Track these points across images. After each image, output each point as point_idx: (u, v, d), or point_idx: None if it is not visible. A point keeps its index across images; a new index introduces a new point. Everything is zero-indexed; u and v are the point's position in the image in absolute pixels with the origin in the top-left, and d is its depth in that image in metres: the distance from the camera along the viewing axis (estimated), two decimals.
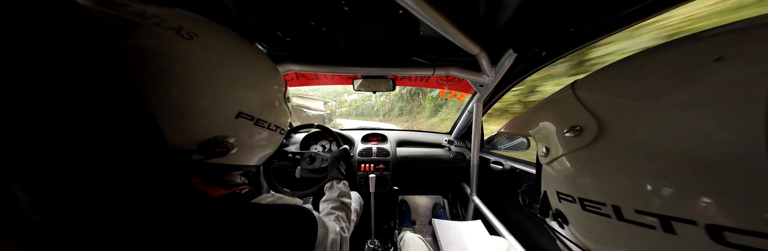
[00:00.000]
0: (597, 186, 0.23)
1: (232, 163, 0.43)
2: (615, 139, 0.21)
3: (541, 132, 0.30)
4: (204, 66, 0.34)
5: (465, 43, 0.76)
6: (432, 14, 0.59)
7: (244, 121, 0.39)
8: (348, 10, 0.64)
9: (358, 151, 1.59)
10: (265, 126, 0.44)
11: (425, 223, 1.86)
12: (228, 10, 0.68)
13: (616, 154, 0.21)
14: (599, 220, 0.23)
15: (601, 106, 0.24)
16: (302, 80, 1.40)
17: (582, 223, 0.26)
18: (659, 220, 0.18)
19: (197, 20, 0.37)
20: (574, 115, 0.25)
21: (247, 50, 0.42)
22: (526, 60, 1.07)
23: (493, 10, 0.68)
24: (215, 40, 0.37)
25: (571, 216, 0.27)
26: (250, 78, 0.40)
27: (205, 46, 0.35)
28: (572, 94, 0.27)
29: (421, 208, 1.95)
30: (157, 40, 0.31)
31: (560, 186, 0.28)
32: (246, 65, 0.40)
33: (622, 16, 0.66)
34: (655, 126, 0.19)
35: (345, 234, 0.57)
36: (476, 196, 1.43)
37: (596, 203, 0.23)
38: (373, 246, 1.19)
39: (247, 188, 0.44)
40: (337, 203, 0.74)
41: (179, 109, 0.32)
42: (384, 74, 1.11)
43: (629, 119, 0.21)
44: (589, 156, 0.24)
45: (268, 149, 0.51)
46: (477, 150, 1.44)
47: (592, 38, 0.77)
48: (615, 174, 0.22)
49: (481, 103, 1.35)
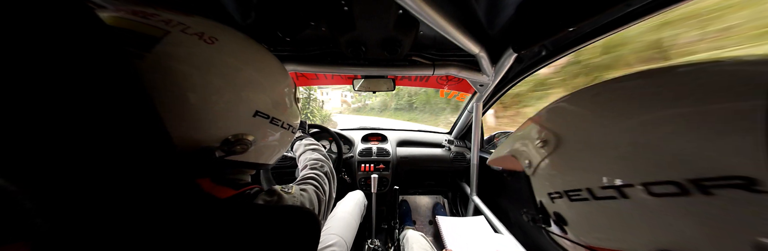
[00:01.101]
0: (570, 178, 0.32)
1: (251, 161, 0.44)
2: (569, 144, 0.33)
3: (521, 152, 0.41)
4: (225, 68, 0.36)
5: (465, 43, 0.76)
6: (432, 14, 0.59)
7: (261, 120, 0.42)
8: (348, 10, 0.64)
9: (358, 151, 1.59)
10: (279, 125, 0.46)
11: (425, 223, 1.86)
12: (228, 10, 0.68)
13: (573, 153, 0.32)
14: (583, 206, 0.30)
15: (555, 126, 0.36)
16: (302, 80, 1.40)
17: (575, 216, 0.33)
18: (615, 190, 0.26)
19: (216, 26, 0.39)
20: (541, 134, 0.37)
21: (260, 53, 0.44)
22: (526, 60, 1.07)
23: (493, 10, 0.68)
24: (233, 44, 0.39)
25: (565, 211, 0.34)
26: (263, 79, 0.42)
27: (224, 50, 0.37)
28: (534, 123, 0.40)
29: (422, 208, 1.95)
30: (183, 46, 0.33)
31: (548, 189, 0.35)
32: (260, 66, 0.42)
33: (622, 16, 0.66)
34: (588, 134, 0.31)
35: (324, 197, 0.56)
36: (476, 196, 1.43)
37: (575, 191, 0.31)
38: (373, 246, 1.19)
39: (256, 187, 0.44)
40: (308, 161, 0.73)
41: (202, 110, 0.34)
42: (384, 74, 1.11)
43: (573, 132, 0.33)
44: (557, 157, 0.34)
45: (282, 147, 0.53)
46: (477, 149, 1.44)
47: (592, 38, 0.77)
48: (578, 166, 0.31)
49: (481, 102, 1.35)
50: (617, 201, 0.26)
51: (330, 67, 1.03)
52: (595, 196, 0.28)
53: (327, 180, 0.65)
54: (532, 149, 0.38)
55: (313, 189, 0.55)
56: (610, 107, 0.31)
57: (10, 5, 0.18)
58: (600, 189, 0.27)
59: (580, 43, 0.82)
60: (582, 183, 0.30)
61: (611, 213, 0.27)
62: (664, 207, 0.23)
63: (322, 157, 0.77)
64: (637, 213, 0.25)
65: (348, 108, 24.14)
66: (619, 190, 0.26)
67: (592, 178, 0.29)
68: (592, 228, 0.31)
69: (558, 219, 0.35)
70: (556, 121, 0.37)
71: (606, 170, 0.28)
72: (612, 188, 0.26)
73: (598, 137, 0.30)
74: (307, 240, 0.41)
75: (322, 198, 0.55)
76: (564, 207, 0.33)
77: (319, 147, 0.86)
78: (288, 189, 0.49)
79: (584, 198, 0.29)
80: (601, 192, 0.27)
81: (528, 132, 0.41)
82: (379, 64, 1.05)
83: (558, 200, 0.33)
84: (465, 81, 1.22)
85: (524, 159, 0.40)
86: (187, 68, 0.32)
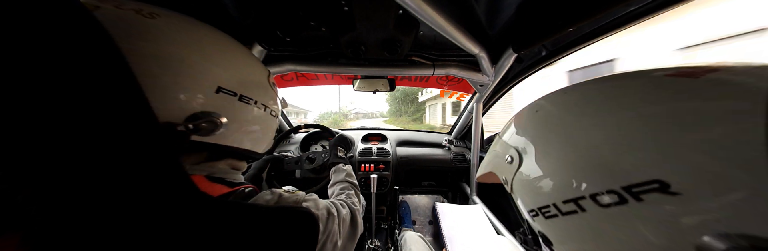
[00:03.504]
0: (538, 194, 0.32)
1: (232, 145, 0.43)
2: (531, 157, 0.33)
3: (499, 167, 0.41)
4: (169, 42, 0.35)
5: (465, 43, 0.76)
6: (432, 14, 0.59)
7: (227, 96, 0.40)
8: (348, 10, 0.64)
9: (358, 151, 1.59)
10: (251, 104, 0.44)
11: (425, 223, 1.86)
12: (227, 10, 0.68)
13: (535, 165, 0.32)
14: (557, 223, 0.30)
15: (516, 143, 0.37)
16: (302, 80, 1.39)
17: (553, 233, 0.33)
18: (573, 203, 0.27)
19: (159, 8, 0.38)
20: (506, 150, 0.38)
21: (215, 33, 0.43)
22: (526, 60, 1.07)
23: (493, 10, 0.68)
24: (178, 22, 0.38)
25: (545, 229, 0.34)
26: (220, 56, 0.41)
27: (168, 25, 0.36)
28: (501, 141, 0.41)
29: (421, 208, 1.95)
30: (118, 20, 0.32)
31: (526, 206, 0.35)
32: (214, 43, 0.41)
33: (622, 16, 0.66)
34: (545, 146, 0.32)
35: (356, 207, 0.61)
36: (476, 196, 1.43)
37: (545, 207, 0.31)
38: (373, 246, 1.19)
39: (250, 187, 0.44)
40: (345, 184, 0.78)
41: (151, 85, 0.32)
42: (384, 74, 1.10)
43: (528, 149, 0.34)
44: (522, 172, 0.34)
45: (265, 132, 0.51)
46: (477, 150, 1.44)
47: (592, 38, 0.77)
48: (539, 180, 0.31)
49: (481, 102, 1.35)
50: (579, 215, 0.27)
51: (330, 67, 1.03)
52: (562, 212, 0.28)
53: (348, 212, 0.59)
54: (503, 165, 0.38)
55: (330, 202, 0.52)
56: (544, 121, 0.33)
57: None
58: (562, 203, 0.28)
59: (580, 43, 0.82)
60: (548, 199, 0.30)
61: (579, 226, 0.28)
62: (614, 216, 0.24)
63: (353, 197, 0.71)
64: (597, 225, 0.26)
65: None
66: (576, 203, 0.26)
67: (554, 193, 0.29)
68: (572, 244, 0.31)
69: (543, 239, 0.35)
70: (514, 136, 0.38)
71: (561, 184, 0.28)
72: (571, 202, 0.27)
73: (546, 151, 0.31)
74: (304, 241, 0.40)
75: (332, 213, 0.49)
76: (543, 226, 0.33)
77: (353, 184, 0.79)
78: (292, 191, 0.48)
79: (554, 214, 0.30)
80: (565, 207, 0.28)
81: (497, 149, 0.42)
82: (379, 64, 1.05)
83: (536, 218, 0.34)
84: (465, 81, 1.22)
85: (501, 175, 0.41)
86: (124, 42, 0.30)
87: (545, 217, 0.31)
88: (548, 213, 0.31)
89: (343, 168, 0.87)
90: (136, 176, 0.25)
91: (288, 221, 0.40)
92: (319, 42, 0.94)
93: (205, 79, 0.38)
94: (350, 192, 0.71)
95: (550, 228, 0.32)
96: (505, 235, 1.04)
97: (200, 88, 0.37)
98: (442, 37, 0.71)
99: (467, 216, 1.12)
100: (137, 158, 0.25)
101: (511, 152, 0.36)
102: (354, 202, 0.63)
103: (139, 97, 0.25)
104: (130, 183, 0.24)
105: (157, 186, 0.26)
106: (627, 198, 0.22)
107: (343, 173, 0.84)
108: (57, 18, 0.21)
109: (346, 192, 0.71)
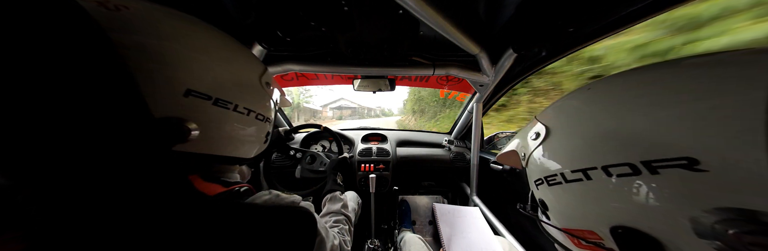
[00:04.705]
0: (550, 165, 0.36)
1: (215, 153, 0.40)
2: (554, 135, 0.37)
3: (520, 145, 0.46)
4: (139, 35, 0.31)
5: (465, 43, 0.76)
6: (432, 14, 0.59)
7: (197, 101, 0.36)
8: (348, 10, 0.64)
9: (358, 151, 1.59)
10: (230, 108, 0.40)
11: (425, 223, 1.86)
12: (227, 10, 0.68)
13: (555, 142, 0.37)
14: (557, 190, 0.35)
15: (549, 120, 0.40)
16: (302, 80, 1.39)
17: (552, 200, 0.37)
18: (581, 172, 0.31)
19: (136, 1, 0.34)
20: (535, 128, 0.41)
21: (194, 28, 0.39)
22: (526, 60, 1.07)
23: (493, 10, 0.68)
24: (147, 15, 0.34)
25: (545, 196, 0.38)
26: (195, 53, 0.37)
27: (135, 18, 0.32)
28: (535, 119, 0.44)
29: (421, 208, 1.94)
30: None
31: (534, 177, 0.40)
32: (192, 38, 0.37)
33: (622, 15, 0.66)
34: (571, 126, 0.36)
35: (346, 248, 0.57)
36: (476, 196, 1.43)
37: (552, 176, 0.35)
38: (373, 246, 1.19)
39: (246, 186, 0.43)
40: (339, 216, 0.73)
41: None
42: (384, 74, 1.11)
43: (560, 124, 0.38)
44: (545, 146, 0.38)
45: (253, 139, 0.47)
46: (477, 150, 1.44)
47: (592, 38, 0.77)
48: (557, 153, 0.36)
49: (481, 103, 1.35)
50: (583, 183, 0.31)
51: (330, 67, 1.03)
52: (566, 179, 0.33)
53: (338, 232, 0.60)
54: (527, 142, 0.43)
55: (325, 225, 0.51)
56: (591, 101, 0.35)
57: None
58: (570, 172, 0.32)
59: (580, 43, 0.82)
60: (557, 169, 0.35)
61: (578, 193, 0.32)
62: (619, 185, 0.27)
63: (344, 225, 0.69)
64: (598, 193, 0.30)
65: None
66: (584, 173, 0.30)
67: (566, 163, 0.34)
68: (564, 210, 0.36)
69: (542, 206, 0.40)
70: (551, 115, 0.42)
71: (577, 155, 0.33)
72: (579, 171, 0.31)
73: (577, 128, 0.35)
74: (303, 240, 0.40)
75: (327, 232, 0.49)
76: (544, 193, 0.38)
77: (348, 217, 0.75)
78: (291, 195, 0.47)
79: (558, 182, 0.34)
80: (571, 176, 0.32)
81: (527, 129, 0.45)
82: (379, 64, 1.04)
83: (541, 186, 0.38)
84: (465, 81, 1.22)
85: (521, 152, 0.45)
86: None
87: (549, 185, 0.36)
88: (553, 181, 0.35)
89: (339, 196, 0.81)
90: (133, 175, 0.25)
91: (287, 219, 0.40)
92: (319, 42, 0.94)
93: (173, 82, 0.34)
94: (344, 227, 0.67)
95: (550, 195, 0.37)
96: (506, 235, 1.04)
97: (163, 92, 0.33)
98: (442, 37, 0.71)
99: (464, 217, 1.12)
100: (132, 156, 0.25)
101: (538, 129, 0.40)
102: (346, 241, 0.59)
103: (133, 93, 0.25)
104: (128, 182, 0.24)
105: (153, 184, 0.26)
106: (641, 170, 0.25)
107: (338, 203, 0.78)
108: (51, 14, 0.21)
109: (340, 226, 0.67)
